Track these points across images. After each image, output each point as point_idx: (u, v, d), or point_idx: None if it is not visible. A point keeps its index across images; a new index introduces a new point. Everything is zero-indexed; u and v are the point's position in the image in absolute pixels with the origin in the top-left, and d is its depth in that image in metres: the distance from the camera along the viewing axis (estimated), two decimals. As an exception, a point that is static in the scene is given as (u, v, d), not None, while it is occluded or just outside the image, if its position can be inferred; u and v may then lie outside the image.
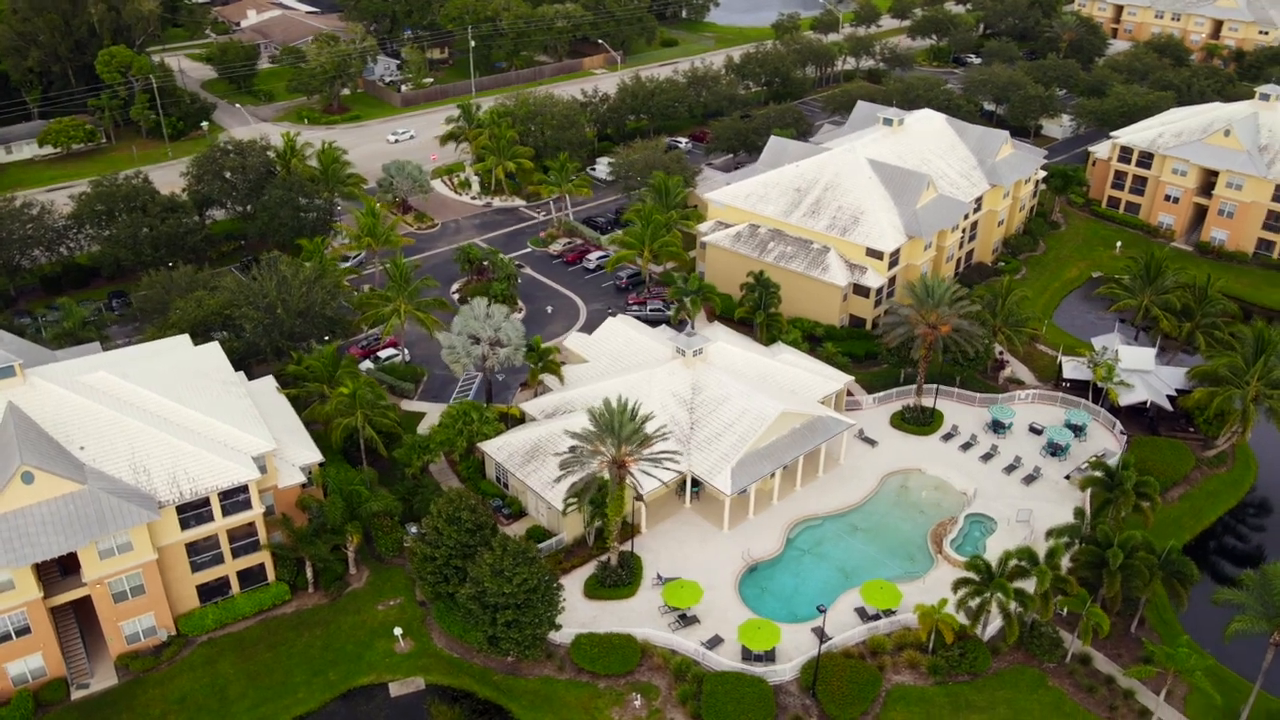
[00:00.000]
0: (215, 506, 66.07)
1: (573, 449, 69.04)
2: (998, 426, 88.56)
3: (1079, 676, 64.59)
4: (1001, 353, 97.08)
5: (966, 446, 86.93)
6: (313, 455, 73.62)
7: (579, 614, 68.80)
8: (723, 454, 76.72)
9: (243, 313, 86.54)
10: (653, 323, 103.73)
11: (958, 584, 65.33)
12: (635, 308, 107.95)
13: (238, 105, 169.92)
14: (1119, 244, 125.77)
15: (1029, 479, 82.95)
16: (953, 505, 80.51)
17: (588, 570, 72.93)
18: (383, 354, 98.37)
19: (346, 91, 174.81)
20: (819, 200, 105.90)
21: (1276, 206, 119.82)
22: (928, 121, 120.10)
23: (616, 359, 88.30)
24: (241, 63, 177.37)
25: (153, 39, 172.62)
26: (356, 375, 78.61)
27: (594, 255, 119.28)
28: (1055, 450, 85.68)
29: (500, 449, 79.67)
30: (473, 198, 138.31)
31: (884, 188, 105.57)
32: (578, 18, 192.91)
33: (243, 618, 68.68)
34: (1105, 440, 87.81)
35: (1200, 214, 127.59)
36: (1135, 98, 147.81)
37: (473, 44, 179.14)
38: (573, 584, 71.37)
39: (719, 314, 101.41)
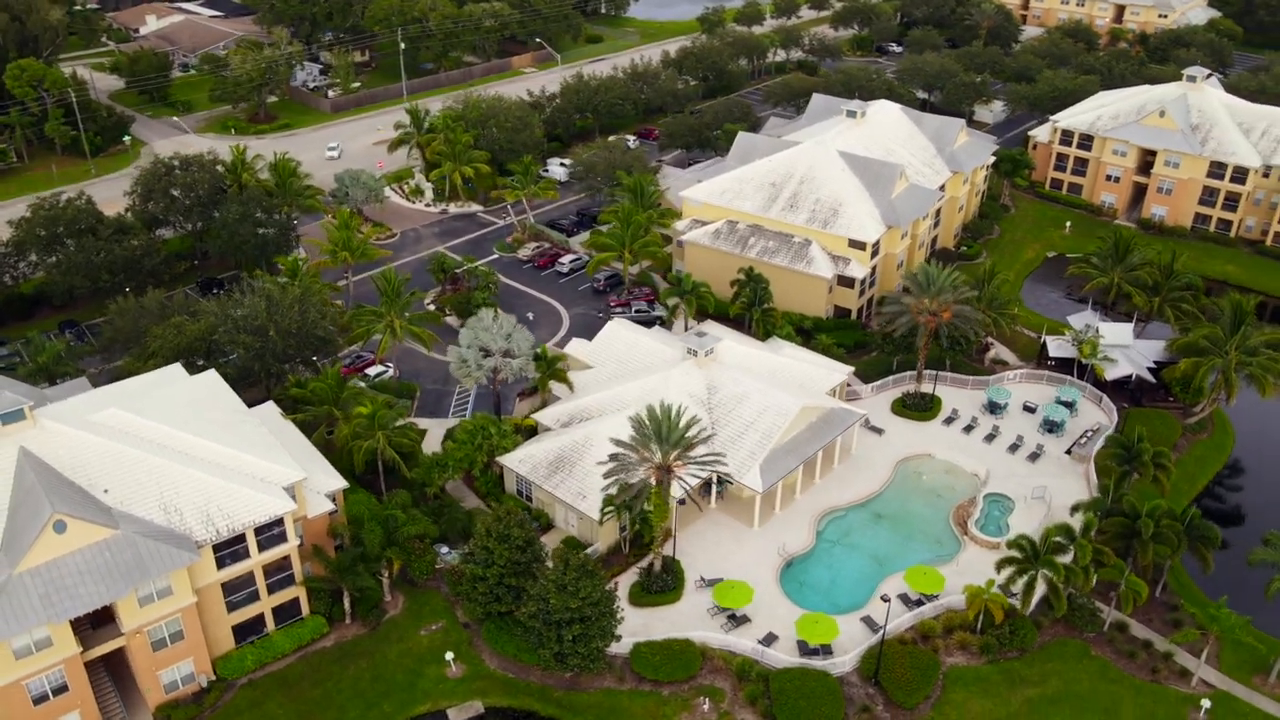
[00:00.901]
0: (251, 542, 63.77)
1: (614, 456, 69.08)
2: (994, 407, 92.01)
3: (1119, 644, 67.92)
4: (986, 335, 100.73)
5: (969, 429, 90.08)
6: (336, 482, 71.64)
7: (629, 622, 68.71)
8: (749, 452, 77.72)
9: (232, 337, 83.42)
10: (640, 324, 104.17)
11: (1001, 563, 67.90)
12: (619, 310, 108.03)
13: (175, 119, 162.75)
14: (1068, 224, 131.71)
15: (1033, 457, 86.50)
16: (966, 487, 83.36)
17: (629, 578, 73.04)
18: (371, 371, 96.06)
19: (273, 99, 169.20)
20: (796, 194, 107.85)
21: (1211, 182, 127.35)
22: (885, 112, 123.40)
23: (622, 363, 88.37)
24: (154, 72, 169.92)
25: (58, 50, 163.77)
26: (374, 395, 76.70)
27: (566, 259, 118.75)
28: (1052, 427, 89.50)
29: (522, 462, 78.95)
30: (427, 205, 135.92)
31: (858, 179, 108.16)
32: (505, 16, 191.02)
33: (282, 655, 66.49)
34: (1095, 415, 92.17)
35: (1140, 192, 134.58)
36: (1063, 82, 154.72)
37: (402, 46, 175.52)
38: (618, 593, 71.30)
39: (710, 312, 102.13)
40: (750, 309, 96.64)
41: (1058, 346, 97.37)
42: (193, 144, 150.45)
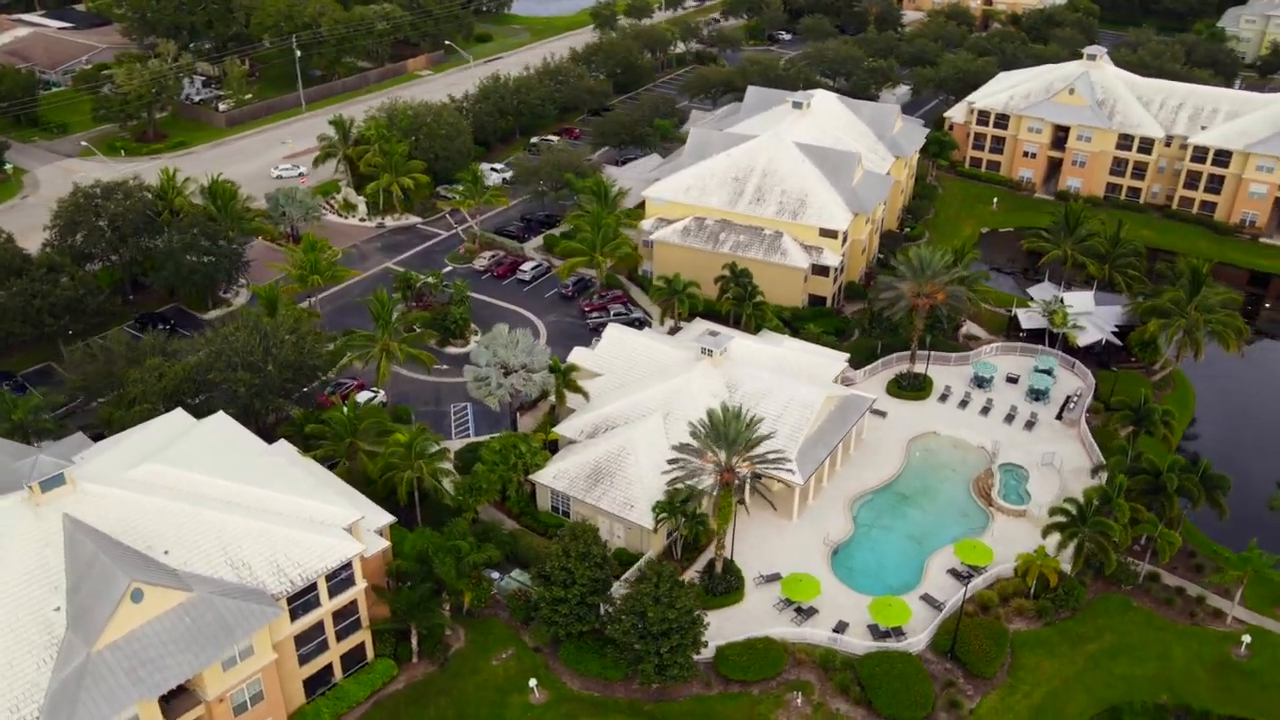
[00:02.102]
0: (322, 589, 61.35)
1: (674, 461, 69.73)
2: (981, 381, 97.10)
3: (1155, 594, 73.37)
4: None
5: (964, 404, 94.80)
6: (382, 517, 69.44)
7: (701, 627, 69.63)
8: (782, 445, 79.41)
9: (227, 375, 79.27)
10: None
11: (1048, 529, 72.24)
12: (597, 315, 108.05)
13: (49, 142, 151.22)
14: (995, 200, 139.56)
15: (1028, 425, 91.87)
16: (976, 461, 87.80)
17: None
18: (360, 398, 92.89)
19: (162, 115, 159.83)
20: (761, 187, 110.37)
21: (1120, 154, 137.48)
22: (825, 101, 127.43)
23: (631, 368, 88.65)
24: (21, 93, 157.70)
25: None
26: (398, 425, 74.50)
27: (528, 266, 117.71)
28: (1038, 395, 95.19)
29: (557, 478, 78.42)
30: (361, 219, 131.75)
31: (818, 169, 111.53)
32: (398, 18, 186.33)
33: (357, 704, 64.19)
34: (1071, 380, 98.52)
35: (1055, 166, 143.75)
36: (965, 64, 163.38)
37: (298, 54, 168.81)
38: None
39: (699, 311, 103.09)
40: (741, 304, 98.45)
41: (1028, 318, 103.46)
42: (81, 170, 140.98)
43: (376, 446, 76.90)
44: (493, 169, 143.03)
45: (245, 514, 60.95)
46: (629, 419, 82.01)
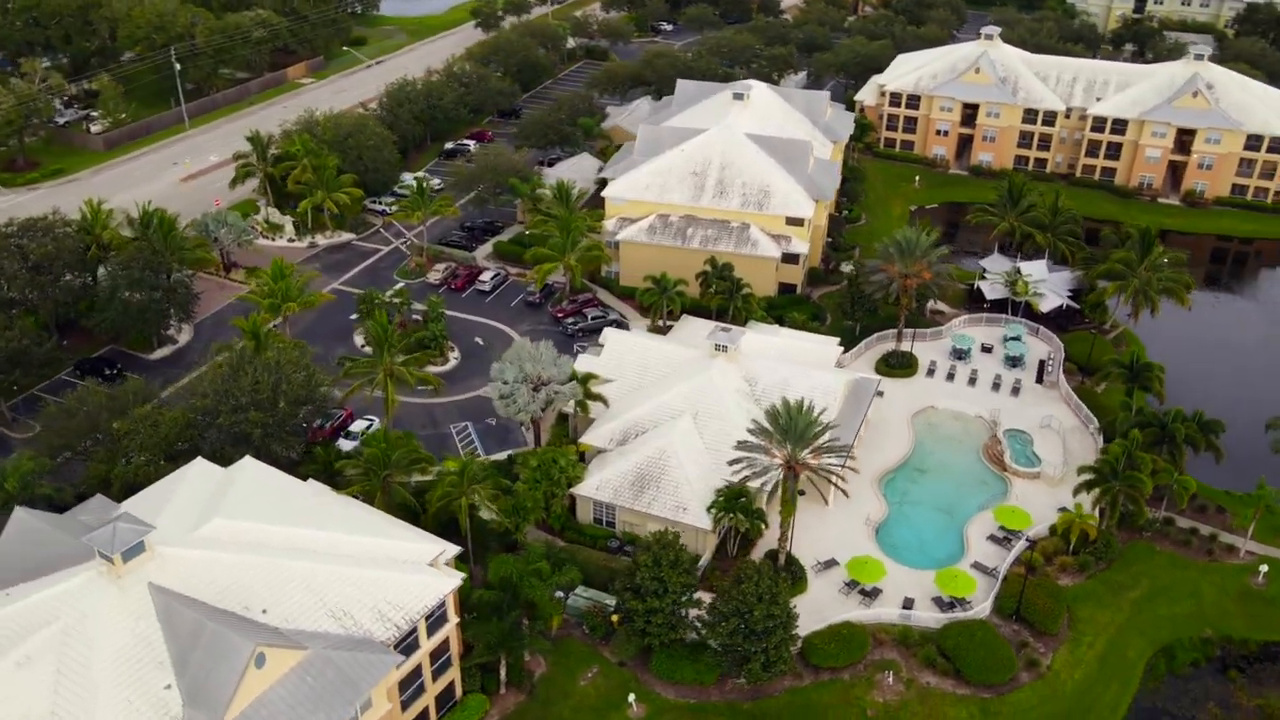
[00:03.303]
0: (421, 630, 59.35)
1: (740, 460, 70.82)
2: (960, 354, 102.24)
3: (1174, 537, 79.62)
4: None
5: (950, 377, 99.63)
6: (449, 548, 67.39)
7: (775, 621, 71.02)
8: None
9: (237, 417, 74.93)
10: (598, 330, 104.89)
11: (1080, 487, 77.28)
12: (572, 320, 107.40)
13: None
14: (917, 178, 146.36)
15: (1015, 391, 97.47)
16: (979, 430, 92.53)
17: (749, 579, 74.94)
18: (355, 427, 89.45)
19: (32, 140, 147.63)
20: (721, 180, 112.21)
21: (1026, 127, 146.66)
22: (760, 92, 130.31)
23: (644, 371, 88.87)
24: None
25: None
26: (455, 455, 72.31)
27: (487, 275, 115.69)
28: (1014, 362, 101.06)
29: (600, 489, 78.10)
30: (290, 240, 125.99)
31: (772, 159, 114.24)
32: (276, 25, 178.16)
33: (459, 744, 62.51)
34: (1039, 345, 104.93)
35: (965, 142, 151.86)
36: (862, 48, 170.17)
37: (178, 67, 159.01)
38: (747, 596, 73.09)
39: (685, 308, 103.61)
40: (730, 297, 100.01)
41: (991, 289, 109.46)
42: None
43: (407, 477, 74.78)
44: (415, 178, 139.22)
45: (329, 560, 58.27)
46: (657, 422, 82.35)
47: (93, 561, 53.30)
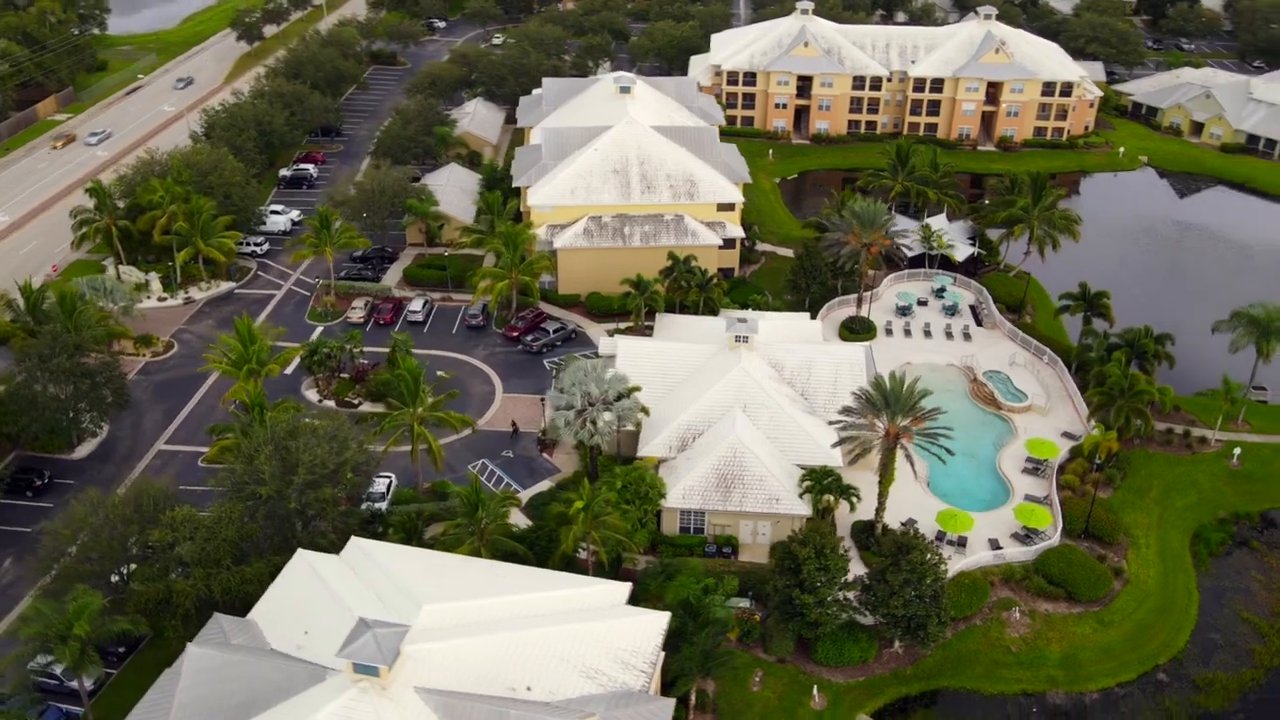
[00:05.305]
0: (657, 667, 58.51)
1: (842, 441, 74.74)
2: (904, 310, 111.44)
3: (1159, 439, 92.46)
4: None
5: (907, 333, 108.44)
6: (623, 586, 66.35)
7: (893, 586, 75.79)
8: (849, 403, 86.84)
9: (310, 497, 68.46)
10: (560, 345, 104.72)
11: (1094, 411, 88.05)
12: (532, 337, 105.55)
13: None
14: (770, 152, 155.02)
15: (966, 336, 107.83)
16: (957, 377, 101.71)
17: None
18: (375, 488, 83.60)
19: None
20: (644, 175, 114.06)
21: (856, 93, 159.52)
22: (630, 82, 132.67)
23: (666, 374, 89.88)
24: None
25: None
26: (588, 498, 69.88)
27: (418, 304, 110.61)
28: (952, 310, 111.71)
29: (687, 497, 79.07)
30: (160, 299, 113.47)
31: (684, 148, 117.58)
32: (18, 56, 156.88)
33: (682, 778, 62.20)
34: (963, 292, 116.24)
35: (800, 113, 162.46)
36: (674, 31, 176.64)
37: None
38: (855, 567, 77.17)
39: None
40: (704, 289, 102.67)
41: (908, 247, 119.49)
42: None
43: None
44: (272, 211, 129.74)
45: (552, 622, 56.29)
46: (709, 422, 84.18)
47: (336, 679, 48.59)
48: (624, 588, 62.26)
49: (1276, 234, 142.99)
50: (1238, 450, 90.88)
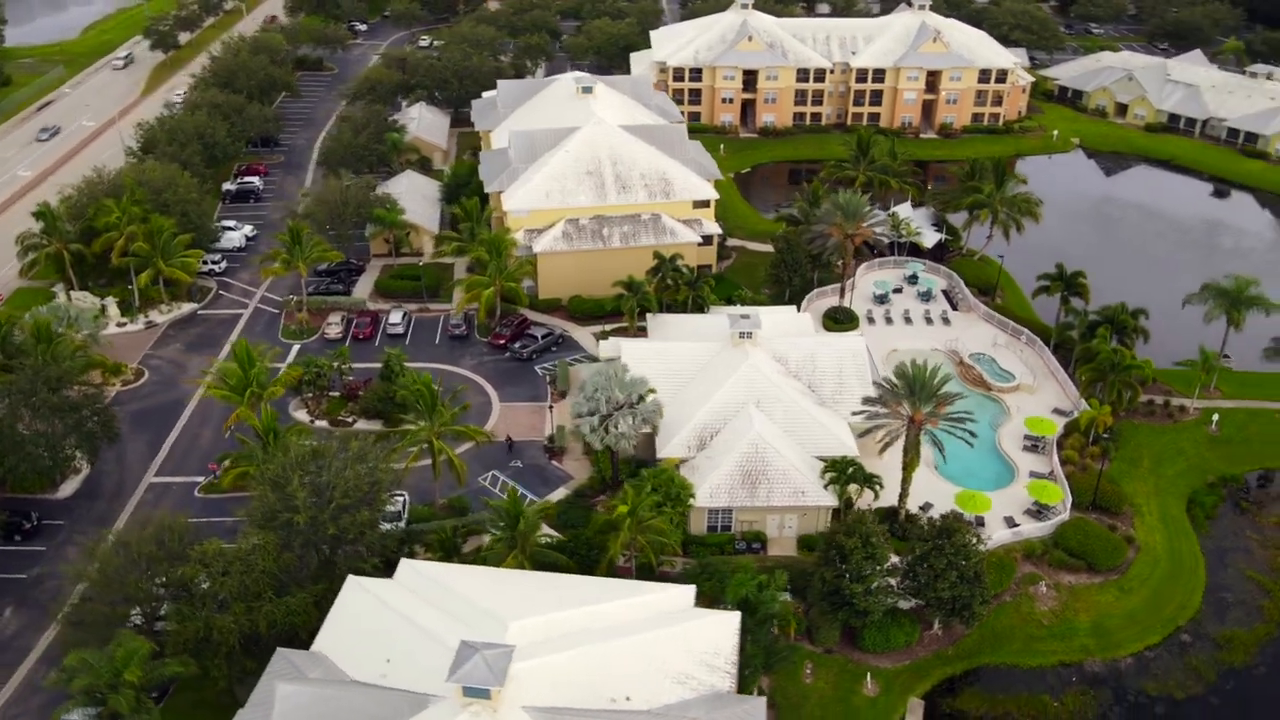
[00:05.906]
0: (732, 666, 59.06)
1: (867, 429, 76.30)
2: (881, 299, 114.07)
3: (1142, 410, 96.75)
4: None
5: (889, 320, 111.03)
6: (689, 589, 66.56)
7: (923, 570, 77.79)
8: (861, 393, 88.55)
9: (346, 520, 66.90)
10: (550, 350, 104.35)
11: (1088, 387, 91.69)
12: (520, 344, 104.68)
13: None
14: (721, 146, 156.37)
15: (945, 321, 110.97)
16: (944, 362, 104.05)
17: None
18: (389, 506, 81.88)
19: None
20: (619, 175, 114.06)
21: (800, 86, 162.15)
22: (591, 82, 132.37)
23: (673, 375, 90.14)
24: None
25: None
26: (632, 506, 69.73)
27: (397, 317, 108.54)
28: (927, 296, 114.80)
29: (714, 496, 79.70)
30: (119, 324, 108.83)
31: (653, 146, 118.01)
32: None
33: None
34: (935, 278, 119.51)
35: (746, 107, 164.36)
36: (612, 29, 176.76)
37: None
38: (885, 555, 78.88)
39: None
40: (694, 287, 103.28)
41: (878, 235, 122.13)
42: None
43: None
44: (226, 228, 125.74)
45: (635, 630, 56.31)
46: (725, 419, 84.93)
47: (441, 704, 47.86)
48: (690, 590, 62.60)
49: (1203, 208, 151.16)
50: (1215, 416, 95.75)
